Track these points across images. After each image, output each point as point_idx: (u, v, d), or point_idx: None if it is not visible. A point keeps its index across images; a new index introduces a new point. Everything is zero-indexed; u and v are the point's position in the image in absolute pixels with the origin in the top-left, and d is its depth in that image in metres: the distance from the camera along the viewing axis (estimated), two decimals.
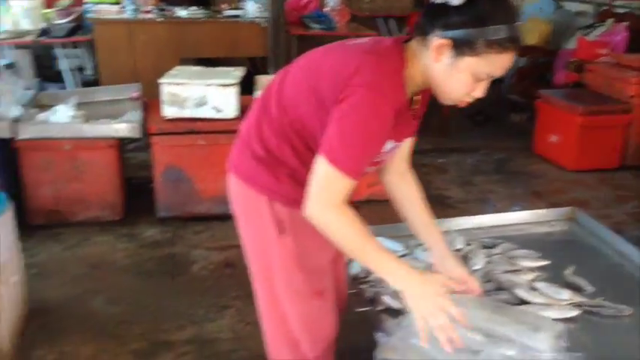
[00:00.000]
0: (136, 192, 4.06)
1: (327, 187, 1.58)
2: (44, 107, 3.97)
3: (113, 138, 3.70)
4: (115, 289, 3.13)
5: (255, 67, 5.93)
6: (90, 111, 3.94)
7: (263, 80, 3.94)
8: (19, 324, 2.67)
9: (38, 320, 2.80)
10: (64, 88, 5.37)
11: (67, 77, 5.24)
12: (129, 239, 3.67)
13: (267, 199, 1.75)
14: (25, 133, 3.60)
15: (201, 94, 3.66)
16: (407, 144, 1.90)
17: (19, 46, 5.20)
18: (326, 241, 1.88)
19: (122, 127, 3.70)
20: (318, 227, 1.62)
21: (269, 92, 1.79)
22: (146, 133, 3.80)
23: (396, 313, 1.94)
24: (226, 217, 4.08)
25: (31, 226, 3.62)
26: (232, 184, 1.85)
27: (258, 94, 3.74)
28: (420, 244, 2.10)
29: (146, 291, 3.13)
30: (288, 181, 1.75)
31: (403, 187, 1.93)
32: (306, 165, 1.71)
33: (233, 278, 3.29)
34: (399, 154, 1.89)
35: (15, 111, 3.70)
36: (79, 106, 3.91)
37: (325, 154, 1.56)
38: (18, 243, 2.77)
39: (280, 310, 1.85)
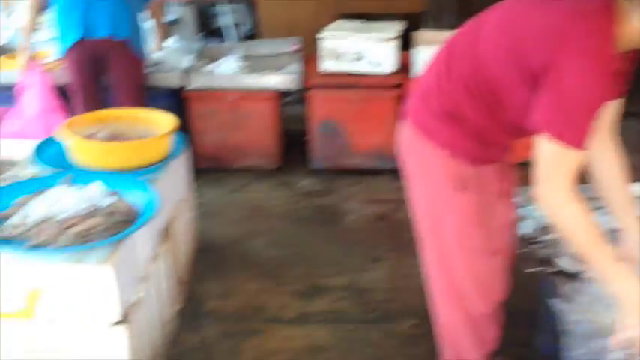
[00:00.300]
0: (291, 144, 4.19)
1: (557, 166, 1.50)
2: (209, 60, 4.20)
3: (274, 90, 3.83)
4: (273, 233, 3.27)
5: (411, 23, 5.83)
6: (252, 64, 4.11)
7: (424, 36, 3.85)
8: (191, 258, 2.89)
9: (206, 255, 3.00)
10: (223, 42, 5.64)
11: (228, 32, 5.48)
12: (285, 188, 3.81)
13: (447, 155, 1.72)
14: (194, 82, 3.83)
15: (360, 48, 3.67)
16: (612, 108, 1.73)
17: (184, 3, 5.51)
18: (509, 202, 1.81)
19: (283, 79, 3.81)
20: (547, 211, 1.56)
21: (453, 47, 1.73)
22: (303, 87, 3.90)
23: (570, 276, 1.86)
24: (378, 172, 4.22)
25: (196, 169, 3.88)
26: (407, 135, 1.83)
27: (418, 48, 3.68)
28: (599, 208, 1.97)
29: (302, 237, 3.24)
30: (471, 139, 1.70)
31: (602, 157, 1.76)
32: (495, 125, 1.66)
33: (386, 231, 3.32)
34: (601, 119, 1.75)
35: (185, 62, 3.95)
36: (242, 59, 4.09)
37: (547, 129, 1.48)
38: (192, 182, 2.98)
39: (449, 266, 1.82)
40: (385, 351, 2.38)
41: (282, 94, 4.12)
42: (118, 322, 1.90)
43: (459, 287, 1.84)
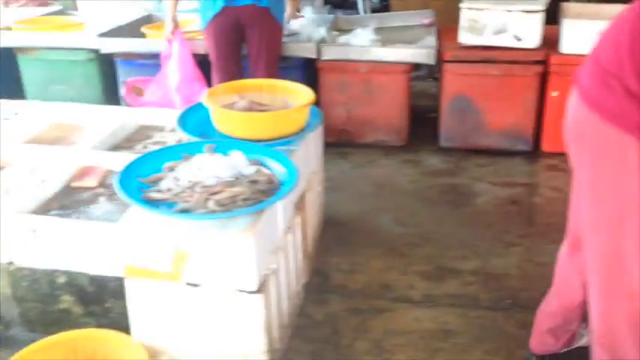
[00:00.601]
0: (418, 120, 4.08)
1: None
2: (342, 31, 4.17)
3: (408, 63, 3.73)
4: (400, 210, 3.22)
5: None
6: (384, 36, 4.02)
7: (572, 9, 3.58)
8: (318, 230, 2.90)
9: (332, 230, 3.01)
10: (351, 15, 5.58)
11: (359, 4, 5.42)
12: (412, 165, 3.73)
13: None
14: (327, 54, 3.81)
15: (502, 20, 3.47)
16: None
17: None
18: None
19: (418, 53, 3.70)
20: None
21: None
22: (438, 60, 3.77)
23: None
24: (512, 153, 4.02)
25: (324, 143, 3.90)
26: (582, 116, 1.66)
27: (566, 22, 3.43)
28: None
29: (430, 217, 3.15)
30: None
31: None
32: None
33: (519, 216, 3.15)
34: None
35: (320, 33, 3.94)
36: (374, 31, 4.02)
37: None
38: (322, 156, 2.98)
39: (625, 265, 1.66)
40: (518, 342, 2.27)
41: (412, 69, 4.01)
42: (254, 291, 1.94)
43: (631, 288, 1.68)
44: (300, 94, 2.63)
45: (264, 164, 2.22)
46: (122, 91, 4.03)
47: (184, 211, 1.94)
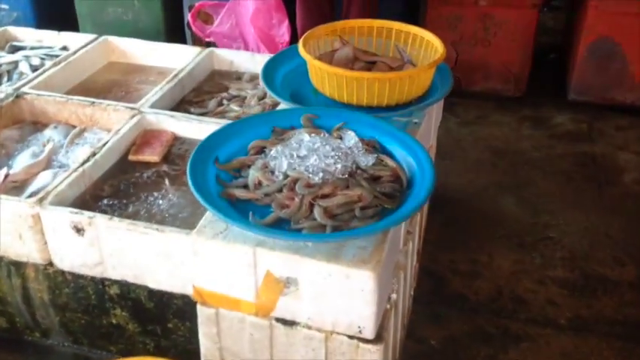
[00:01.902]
0: (540, 65, 3.34)
1: None
2: None
3: None
4: (525, 188, 2.57)
5: None
6: None
7: None
8: (425, 217, 2.33)
9: (440, 212, 2.41)
10: None
11: None
12: (534, 124, 3.04)
13: None
14: None
15: None
16: None
17: None
18: None
19: None
20: None
21: None
22: None
23: None
24: None
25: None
26: None
27: None
28: None
29: (566, 199, 2.51)
30: None
31: None
32: None
33: None
34: None
35: None
36: None
37: None
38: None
39: None
40: None
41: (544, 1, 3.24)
42: (371, 340, 1.41)
43: None
44: (420, 41, 1.98)
45: (384, 148, 1.63)
46: (187, 16, 3.43)
47: (277, 222, 1.39)
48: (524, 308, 1.99)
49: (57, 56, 2.44)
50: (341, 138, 1.63)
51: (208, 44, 3.48)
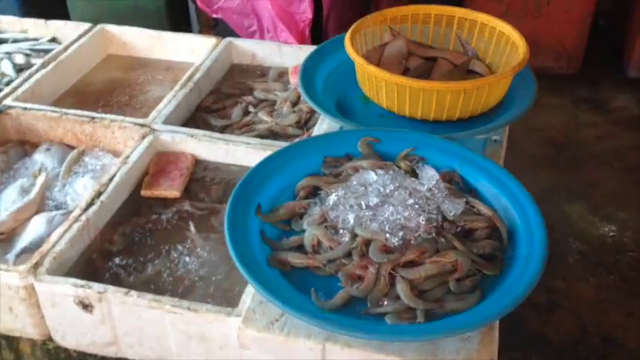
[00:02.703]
0: (596, 36, 2.94)
1: None
2: None
3: None
4: (595, 191, 2.21)
5: None
6: None
7: None
8: None
9: None
10: None
11: None
12: (593, 108, 2.67)
13: None
14: None
15: None
16: None
17: None
18: None
19: None
20: None
21: None
22: None
23: None
24: None
25: None
26: None
27: None
28: None
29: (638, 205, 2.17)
30: None
31: None
32: None
33: None
34: None
35: None
36: None
37: None
38: None
39: None
40: None
41: None
42: None
43: None
44: (490, 32, 1.61)
45: (466, 182, 1.28)
46: None
47: (348, 301, 1.05)
48: (616, 351, 1.68)
49: (45, 51, 2.05)
50: (413, 172, 1.28)
51: (216, 22, 3.08)
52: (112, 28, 2.09)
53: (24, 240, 1.35)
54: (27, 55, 2.02)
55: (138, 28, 2.09)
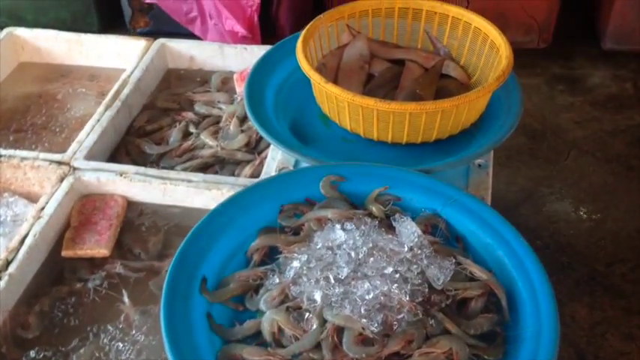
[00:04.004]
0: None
1: None
2: None
3: None
4: (580, 186, 2.02)
5: None
6: None
7: None
8: None
9: None
10: None
11: None
12: (569, 87, 2.46)
13: None
14: None
15: None
16: None
17: None
18: None
19: None
20: None
21: None
22: None
23: None
24: None
25: None
26: None
27: None
28: None
29: (635, 200, 1.99)
30: None
31: None
32: None
33: None
34: None
35: None
36: None
37: None
38: None
39: None
40: None
41: None
42: None
43: None
44: (464, 27, 1.38)
45: (451, 228, 1.07)
46: None
47: None
48: None
49: None
50: (388, 217, 1.06)
51: (150, 6, 2.76)
52: (23, 32, 1.78)
53: None
54: None
55: (53, 31, 1.78)
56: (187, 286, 0.97)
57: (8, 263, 1.13)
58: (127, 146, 1.49)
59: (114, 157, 1.46)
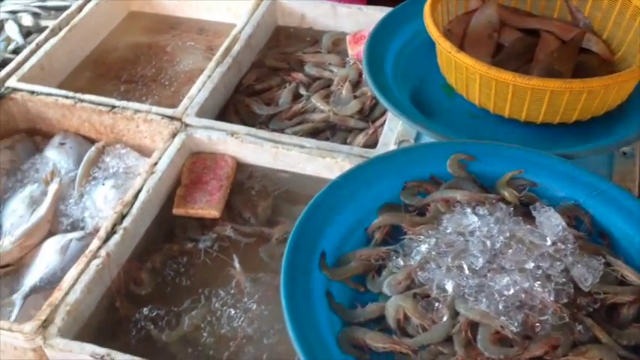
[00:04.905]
0: None
1: None
2: None
3: None
4: None
5: None
6: None
7: None
8: None
9: None
10: None
11: None
12: None
13: None
14: None
15: None
16: None
17: None
18: None
19: None
20: None
21: None
22: None
23: None
24: None
25: None
26: None
27: None
28: None
29: None
30: None
31: None
32: None
33: None
34: None
35: None
36: None
37: None
38: None
39: None
40: None
41: None
42: None
43: None
44: None
45: (595, 222, 0.97)
46: None
47: None
48: None
49: (57, 9, 1.75)
50: (523, 205, 0.98)
51: None
52: None
53: (33, 275, 1.10)
54: (35, 14, 1.72)
55: None
56: (307, 261, 0.92)
57: (123, 217, 1.12)
58: (235, 105, 1.45)
59: (222, 114, 1.43)
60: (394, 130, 1.26)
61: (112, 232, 1.10)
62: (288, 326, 0.82)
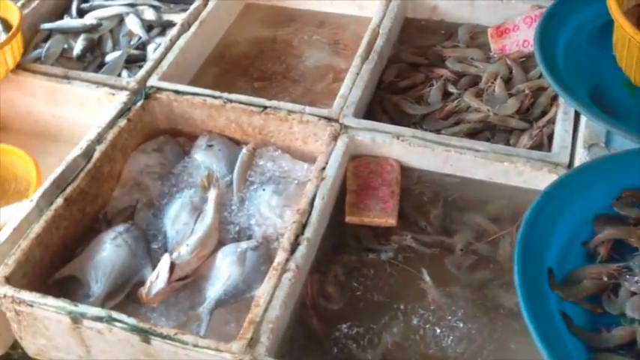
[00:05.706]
0: None
1: None
2: None
3: None
4: None
5: None
6: None
7: None
8: None
9: None
10: None
11: None
12: None
13: None
14: None
15: None
16: None
17: None
18: None
19: None
20: None
21: None
22: None
23: None
24: None
25: None
26: None
27: None
28: None
29: None
30: None
31: None
32: None
33: None
34: None
35: None
36: None
37: None
38: None
39: None
40: None
41: None
42: None
43: None
44: None
45: None
46: None
47: None
48: None
49: (176, 2, 1.69)
50: None
51: None
52: None
53: (216, 288, 1.05)
54: (156, 8, 1.66)
55: None
56: (536, 279, 0.87)
57: (303, 227, 1.07)
58: (382, 103, 1.39)
59: (369, 113, 1.37)
60: (569, 132, 1.20)
61: (295, 242, 1.05)
62: (542, 352, 0.77)
